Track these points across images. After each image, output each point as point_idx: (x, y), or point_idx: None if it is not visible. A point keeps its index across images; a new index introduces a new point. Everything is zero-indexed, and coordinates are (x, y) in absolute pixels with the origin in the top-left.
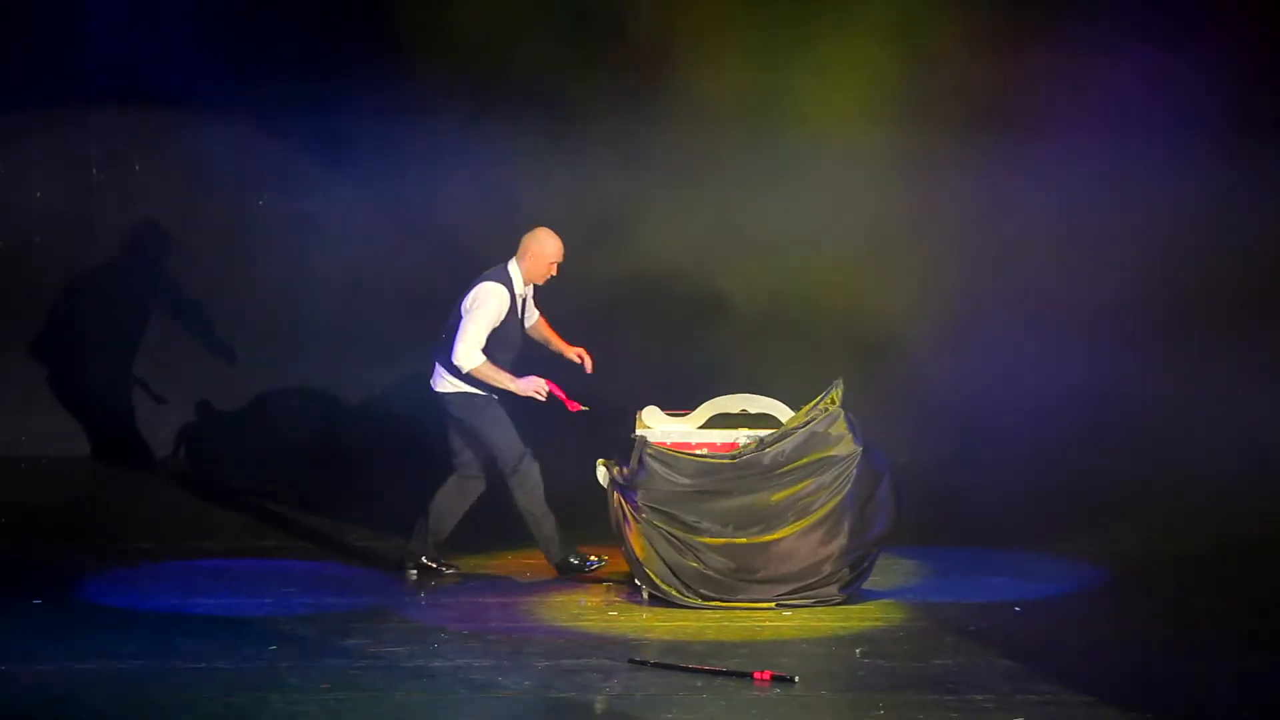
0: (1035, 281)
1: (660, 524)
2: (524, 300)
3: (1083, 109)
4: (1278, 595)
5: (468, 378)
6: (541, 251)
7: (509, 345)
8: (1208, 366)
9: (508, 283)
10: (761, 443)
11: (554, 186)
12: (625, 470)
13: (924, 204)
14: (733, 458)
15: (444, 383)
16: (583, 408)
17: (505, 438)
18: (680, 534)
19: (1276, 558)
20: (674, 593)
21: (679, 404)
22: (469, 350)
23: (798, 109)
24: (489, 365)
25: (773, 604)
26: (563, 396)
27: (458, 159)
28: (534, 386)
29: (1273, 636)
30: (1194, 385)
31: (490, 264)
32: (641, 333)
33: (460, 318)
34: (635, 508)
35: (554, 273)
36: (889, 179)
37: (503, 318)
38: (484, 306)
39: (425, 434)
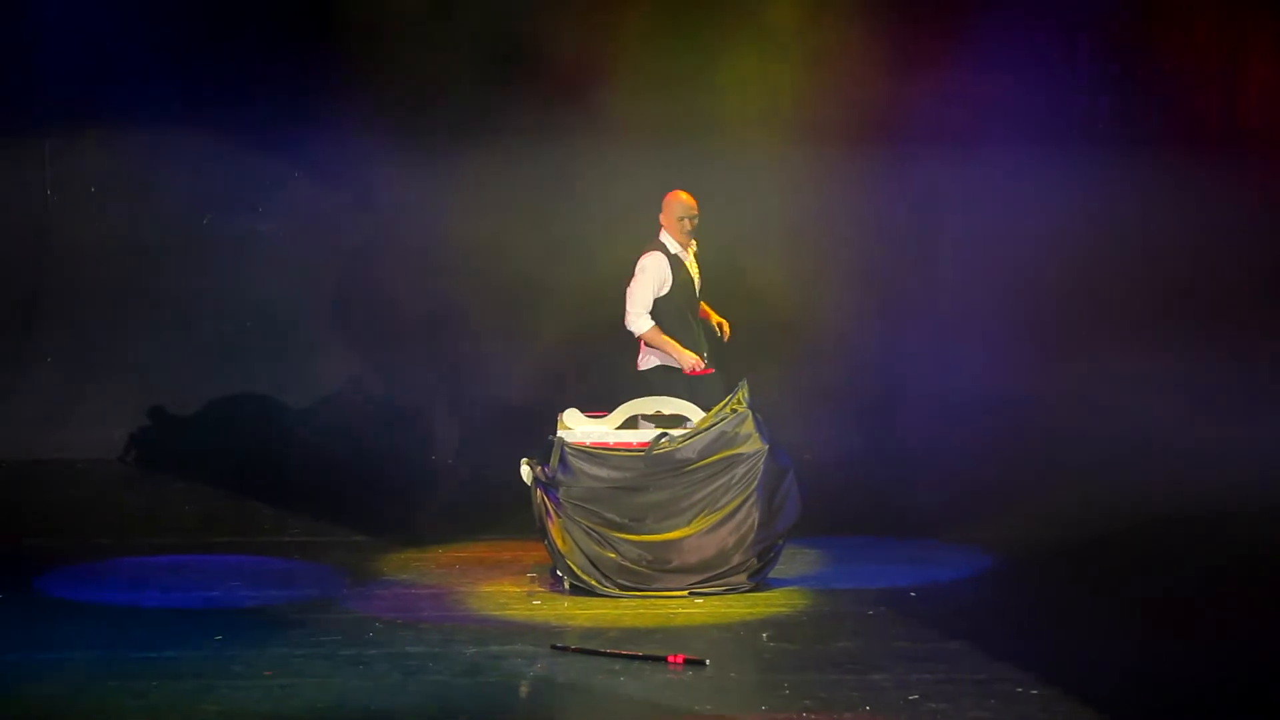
0: (937, 285)
1: (580, 519)
2: (692, 264)
3: (975, 121)
4: (1156, 577)
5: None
6: (670, 210)
7: (688, 308)
8: (1102, 364)
9: (663, 249)
10: (672, 440)
11: (485, 203)
12: (547, 469)
13: (830, 213)
14: (645, 454)
15: (641, 360)
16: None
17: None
18: (599, 528)
19: (1157, 544)
20: (593, 583)
21: (598, 406)
22: (636, 315)
23: (710, 126)
24: (657, 330)
25: (685, 592)
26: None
27: (395, 178)
28: (694, 361)
29: (1151, 616)
30: (1088, 381)
31: (419, 276)
32: (565, 338)
33: None
34: (557, 504)
35: (689, 227)
36: (799, 189)
37: (667, 284)
38: (644, 273)
39: (363, 436)
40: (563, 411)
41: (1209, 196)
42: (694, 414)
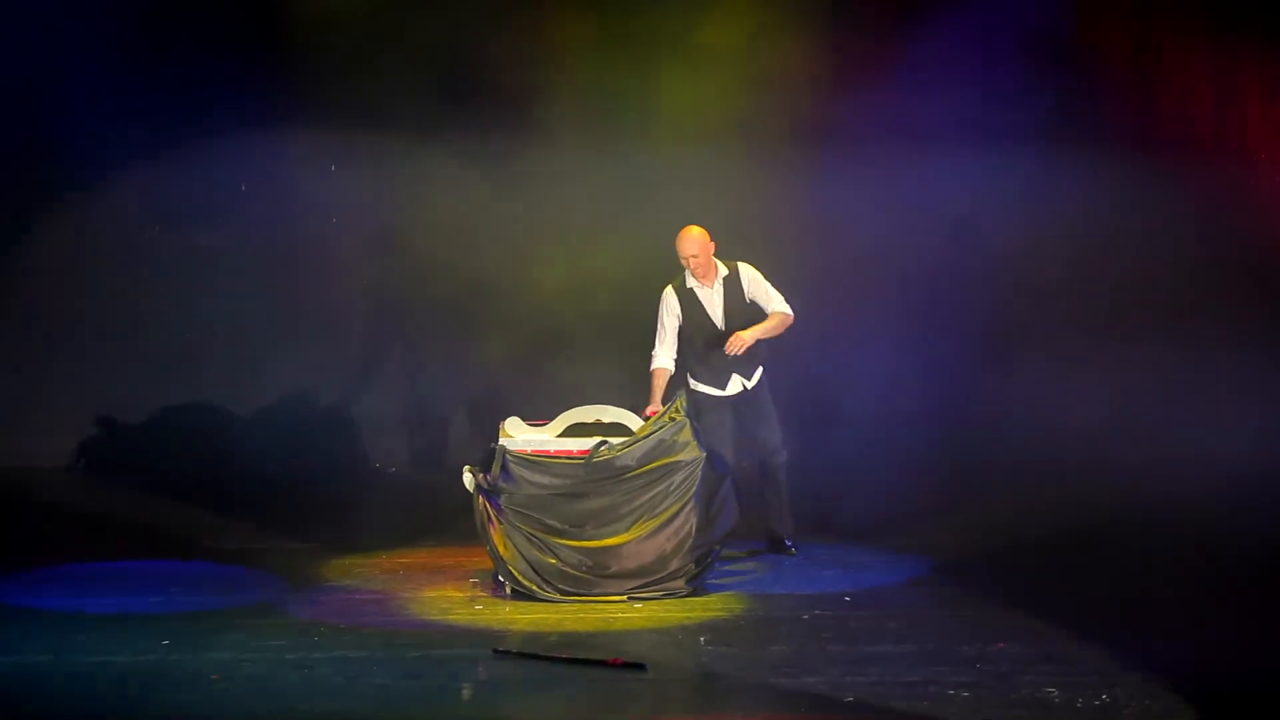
0: (875, 292)
1: (521, 525)
2: (716, 295)
3: (911, 124)
4: (1084, 580)
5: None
6: (678, 253)
7: (699, 336)
8: (1040, 370)
9: (678, 282)
10: (612, 447)
11: (431, 214)
12: (489, 476)
13: (768, 216)
14: (585, 461)
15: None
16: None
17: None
18: (540, 534)
19: (1085, 548)
20: (534, 588)
21: (539, 415)
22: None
23: (651, 134)
24: (655, 375)
25: (624, 597)
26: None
27: (341, 189)
28: (647, 411)
29: (1080, 617)
30: (1024, 389)
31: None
32: (509, 348)
33: None
34: (499, 510)
35: (691, 267)
36: (740, 197)
37: (678, 316)
38: (661, 310)
39: (307, 444)
40: (505, 420)
41: (1149, 200)
42: (633, 422)
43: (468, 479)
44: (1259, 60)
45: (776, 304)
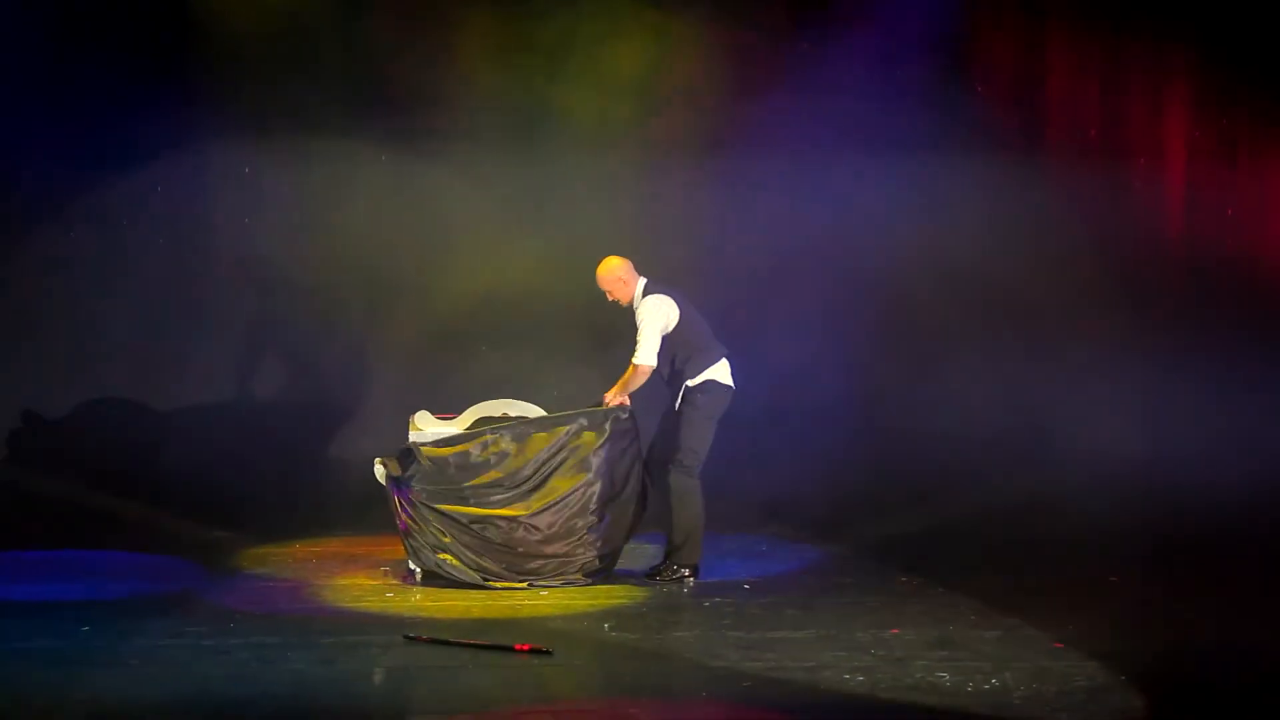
0: (789, 294)
1: (431, 516)
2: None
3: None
4: (980, 569)
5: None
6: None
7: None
8: (944, 364)
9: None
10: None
11: (346, 214)
12: (400, 466)
13: (675, 220)
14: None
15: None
16: None
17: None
18: (449, 526)
19: (983, 540)
20: (444, 574)
21: (447, 409)
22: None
23: (555, 139)
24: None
25: (525, 584)
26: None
27: (255, 187)
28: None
29: (975, 604)
30: (929, 381)
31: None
32: (420, 342)
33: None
34: (409, 502)
35: (609, 299)
36: (640, 203)
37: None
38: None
39: (223, 438)
40: (414, 414)
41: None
42: (539, 416)
43: (379, 470)
44: (1146, 64)
45: (636, 352)
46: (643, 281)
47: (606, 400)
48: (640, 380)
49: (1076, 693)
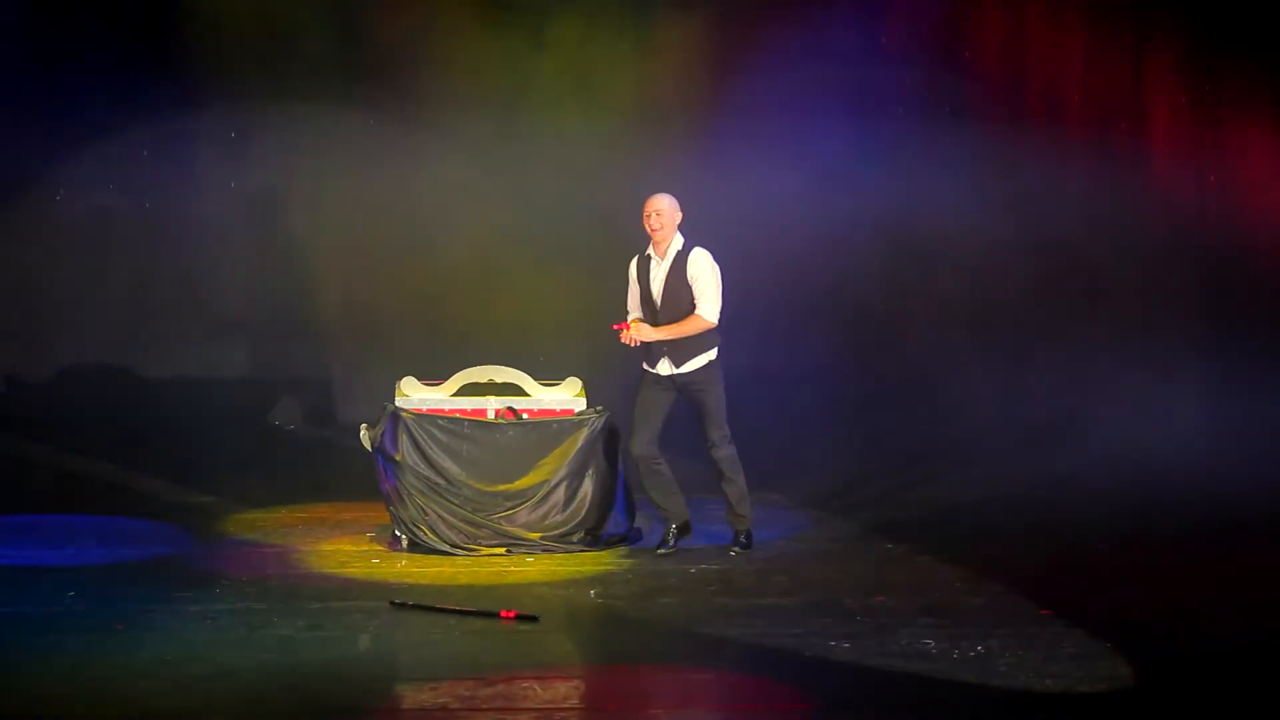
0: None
1: (416, 481)
2: (662, 269)
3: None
4: (966, 537)
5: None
6: (644, 210)
7: (639, 309)
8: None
9: (641, 252)
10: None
11: (328, 183)
12: (385, 434)
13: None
14: (479, 422)
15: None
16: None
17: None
18: (434, 491)
19: (970, 507)
20: (430, 540)
21: (434, 374)
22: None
23: (539, 109)
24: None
25: (505, 550)
26: None
27: (238, 157)
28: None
29: (961, 571)
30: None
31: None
32: (406, 308)
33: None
34: (395, 467)
35: (650, 225)
36: (623, 172)
37: (634, 282)
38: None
39: (210, 401)
40: (400, 379)
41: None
42: (526, 384)
43: (364, 437)
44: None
45: (702, 305)
46: (680, 235)
47: (641, 332)
48: (693, 331)
49: (1063, 659)
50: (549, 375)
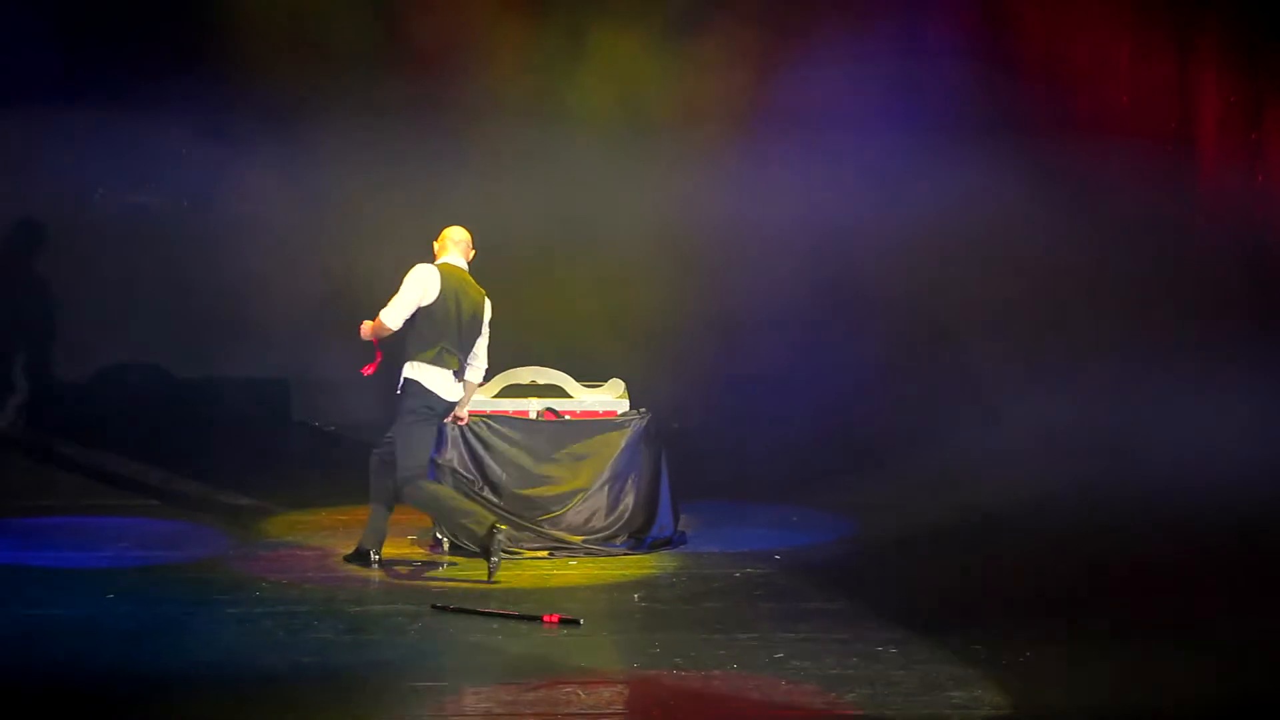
0: (803, 270)
1: (458, 483)
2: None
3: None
4: (1014, 540)
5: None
6: (466, 242)
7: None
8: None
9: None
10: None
11: (361, 179)
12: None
13: (694, 198)
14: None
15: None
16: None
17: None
18: (475, 492)
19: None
20: (471, 544)
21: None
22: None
23: (577, 109)
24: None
25: (546, 553)
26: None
27: (277, 157)
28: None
29: (1007, 576)
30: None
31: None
32: None
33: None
34: (437, 468)
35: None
36: (663, 174)
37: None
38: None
39: (250, 402)
40: None
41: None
42: (568, 384)
43: None
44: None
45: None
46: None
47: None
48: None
49: (1110, 669)
50: (592, 377)
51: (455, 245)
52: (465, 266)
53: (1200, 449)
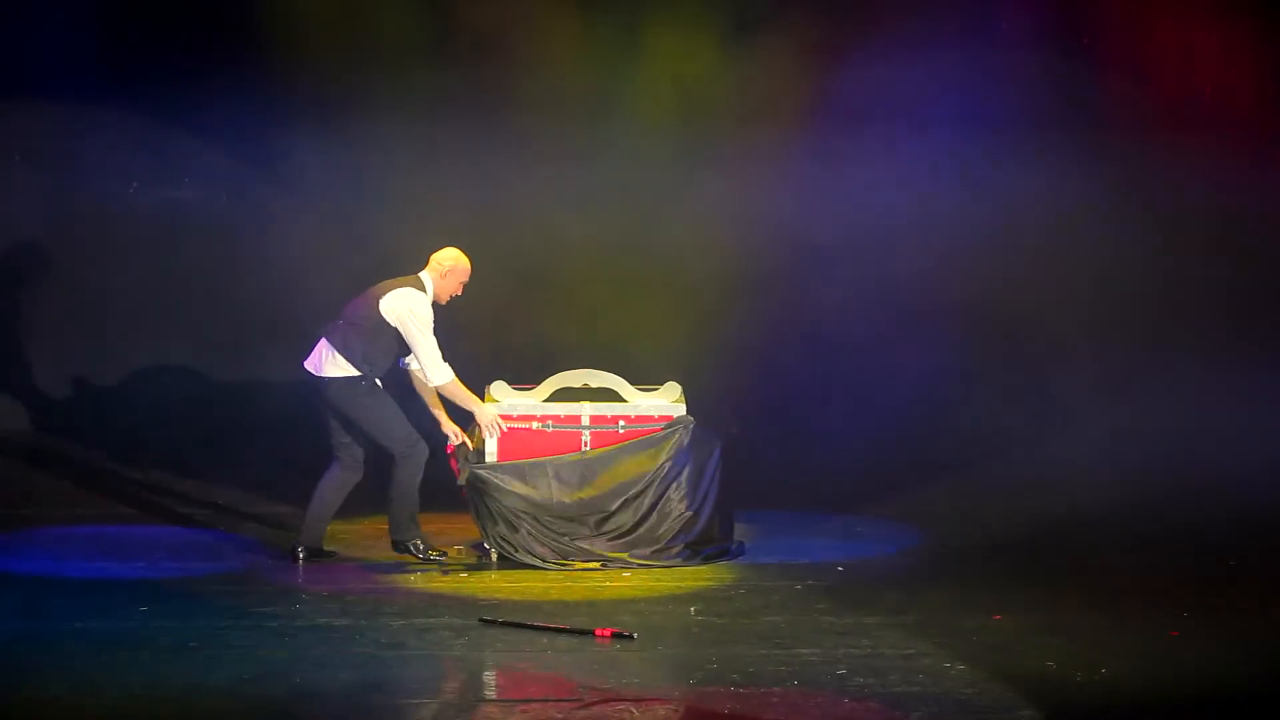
0: (865, 272)
1: (506, 495)
2: None
3: (898, 105)
4: (1085, 554)
5: (366, 372)
6: (462, 270)
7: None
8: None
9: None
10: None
11: (405, 179)
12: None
13: (754, 196)
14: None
15: (331, 367)
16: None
17: (396, 419)
18: (525, 505)
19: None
20: (519, 555)
21: (526, 378)
22: (436, 365)
23: (633, 104)
24: (457, 381)
25: (599, 565)
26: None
27: (318, 154)
28: (494, 420)
29: (1081, 591)
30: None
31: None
32: (498, 311)
33: (371, 310)
34: (483, 479)
35: (460, 293)
36: (722, 172)
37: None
38: (422, 316)
39: (290, 408)
40: (490, 384)
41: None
42: (622, 387)
43: (454, 442)
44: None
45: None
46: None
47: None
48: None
49: (1185, 685)
50: (648, 380)
51: (437, 267)
52: (427, 285)
53: None
